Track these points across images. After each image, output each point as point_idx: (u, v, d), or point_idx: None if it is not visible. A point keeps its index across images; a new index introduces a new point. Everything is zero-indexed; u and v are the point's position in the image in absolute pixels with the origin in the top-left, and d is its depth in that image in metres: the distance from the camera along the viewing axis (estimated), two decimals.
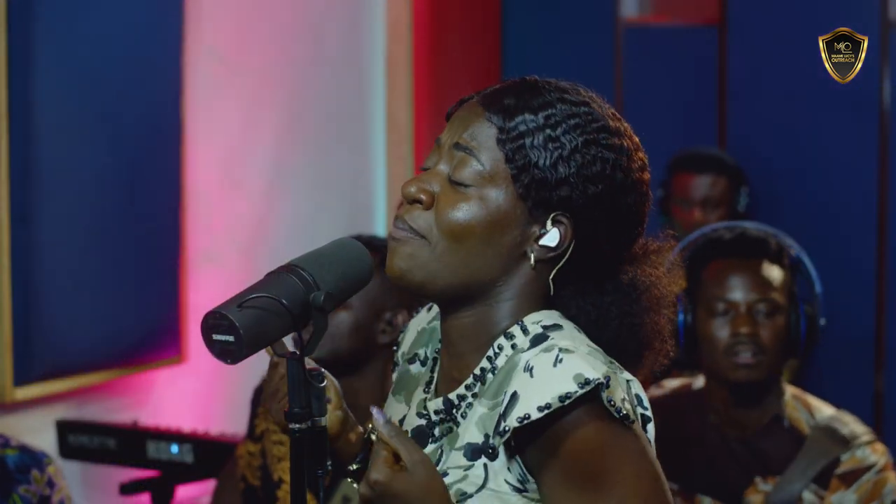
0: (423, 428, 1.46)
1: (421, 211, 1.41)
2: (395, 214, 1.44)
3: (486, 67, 4.51)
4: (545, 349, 1.36)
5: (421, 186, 1.41)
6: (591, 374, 1.31)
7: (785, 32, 4.01)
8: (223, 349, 1.28)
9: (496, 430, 1.35)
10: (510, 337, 1.41)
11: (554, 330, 1.40)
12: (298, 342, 1.33)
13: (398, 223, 1.42)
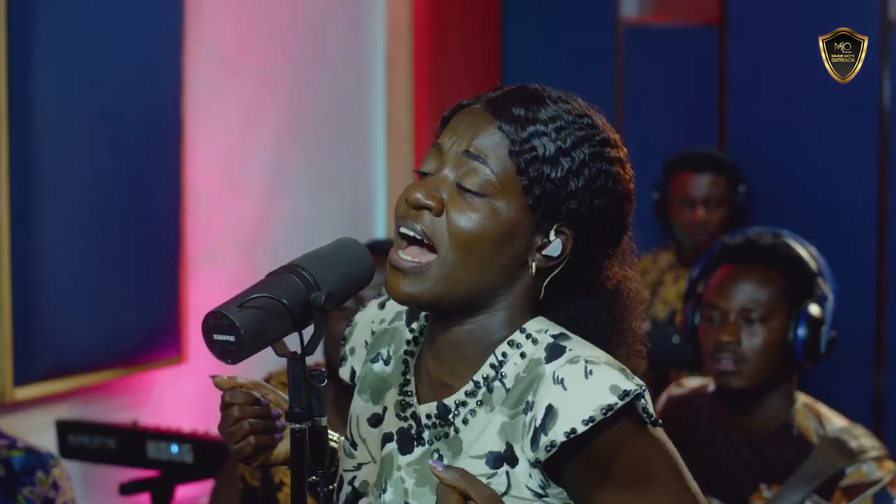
0: (406, 431, 1.46)
1: (431, 216, 1.40)
2: (398, 216, 1.42)
3: (486, 67, 4.51)
4: (570, 360, 1.37)
5: (428, 192, 1.39)
6: (626, 385, 1.34)
7: (785, 32, 4.01)
8: (224, 349, 1.28)
9: (534, 443, 1.35)
10: (515, 345, 1.42)
11: (563, 339, 1.41)
12: (299, 342, 1.33)
13: (409, 224, 1.40)
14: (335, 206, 4.01)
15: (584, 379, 1.35)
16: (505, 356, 1.42)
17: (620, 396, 1.33)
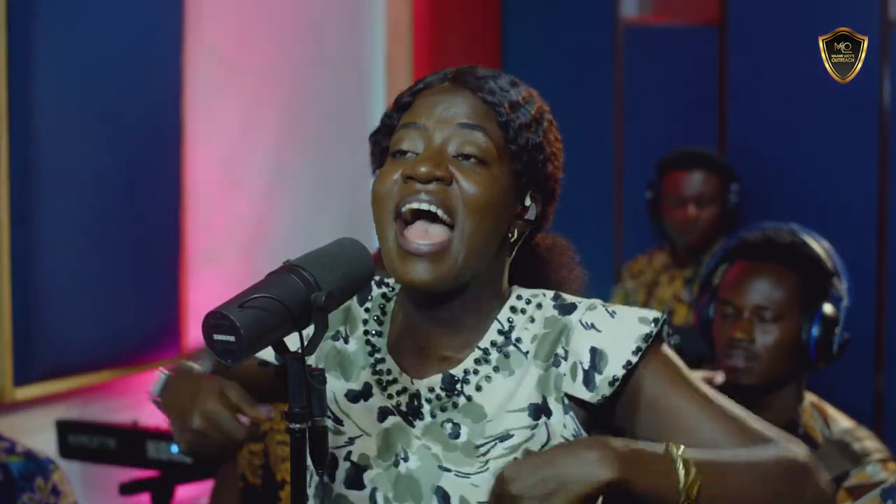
0: (398, 408, 1.48)
1: (442, 186, 1.42)
2: (399, 198, 1.43)
3: (486, 68, 4.50)
4: (588, 308, 1.46)
5: (436, 163, 1.42)
6: (650, 314, 1.44)
7: (785, 32, 4.01)
8: (224, 349, 1.28)
9: (588, 384, 1.41)
10: (518, 311, 1.48)
11: (557, 297, 1.49)
12: (299, 342, 1.33)
13: (422, 197, 1.41)
14: (335, 206, 4.01)
15: (611, 319, 1.44)
16: (511, 321, 1.47)
17: (652, 324, 1.43)
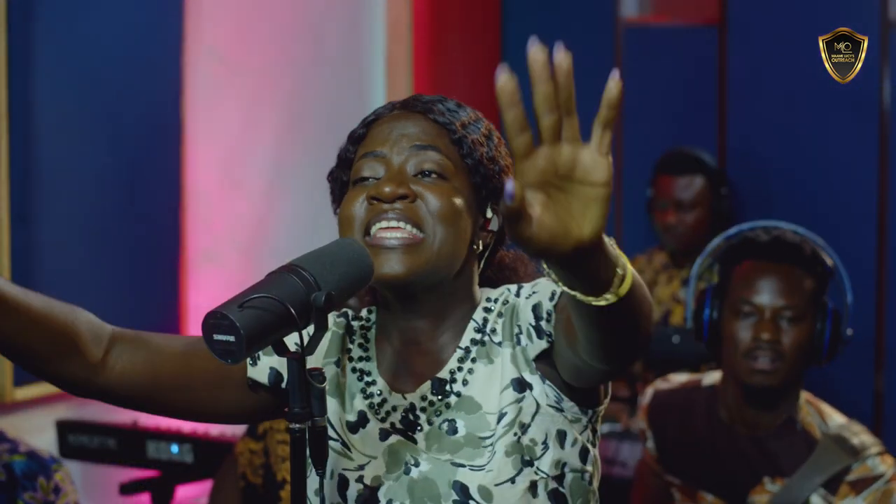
0: (400, 424, 1.51)
1: (406, 204, 1.48)
2: (368, 219, 1.49)
3: (486, 67, 4.50)
4: (532, 284, 1.53)
5: (398, 183, 1.49)
6: None
7: (785, 32, 4.01)
8: (224, 349, 1.28)
9: (539, 332, 1.46)
10: (488, 311, 1.55)
11: (517, 288, 1.55)
12: (299, 342, 1.33)
13: (391, 216, 1.47)
14: None
15: (545, 280, 1.49)
16: (486, 320, 1.54)
17: None
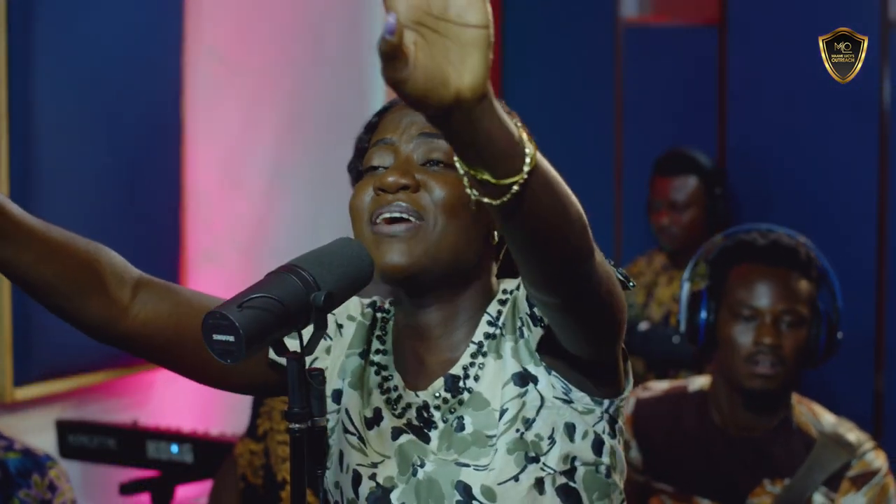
0: (414, 422, 1.50)
1: (409, 194, 1.45)
2: (373, 209, 1.46)
3: None
4: None
5: (402, 173, 1.46)
6: None
7: (785, 32, 4.01)
8: (223, 349, 1.28)
9: (535, 322, 1.43)
10: (503, 303, 1.52)
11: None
12: (299, 342, 1.33)
13: (393, 207, 1.45)
14: (335, 206, 4.01)
15: None
16: (500, 312, 1.51)
17: None
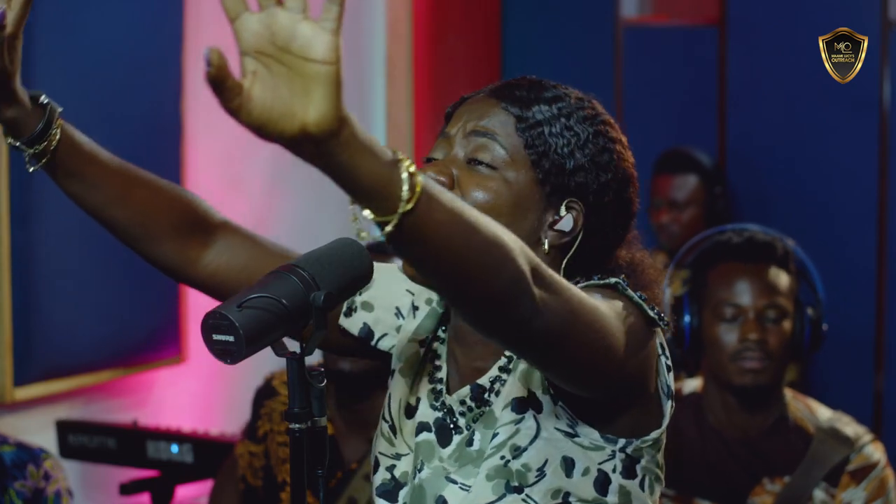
0: (442, 421, 1.48)
1: None
2: None
3: (486, 67, 4.51)
4: None
5: (440, 169, 1.43)
6: (611, 280, 1.40)
7: (785, 32, 4.01)
8: (223, 349, 1.28)
9: None
10: None
11: None
12: (299, 342, 1.33)
13: None
14: (335, 206, 4.01)
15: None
16: None
17: (599, 279, 1.41)
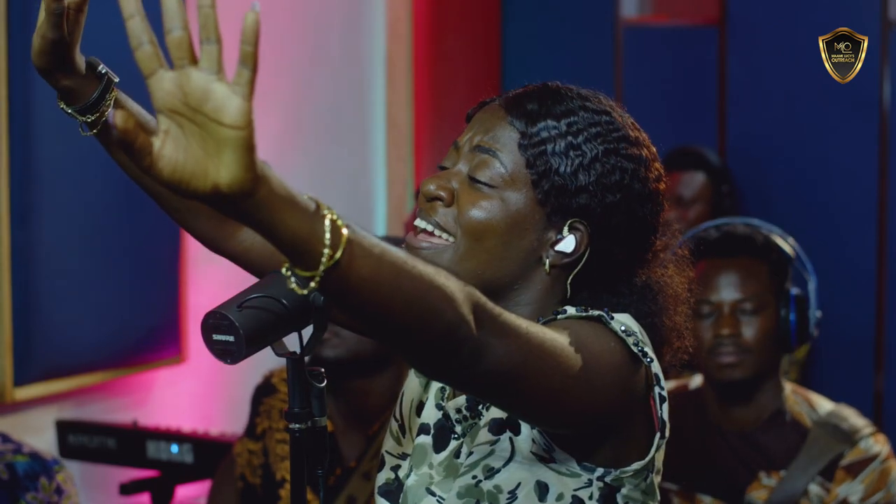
0: (443, 423, 1.47)
1: (443, 207, 1.42)
2: (416, 213, 1.45)
3: (486, 68, 4.51)
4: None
5: (440, 184, 1.42)
6: (592, 312, 1.35)
7: (785, 32, 4.02)
8: (223, 349, 1.28)
9: None
10: None
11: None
12: (299, 342, 1.33)
13: (422, 218, 1.42)
14: (335, 206, 3.98)
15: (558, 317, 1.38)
16: None
17: (580, 310, 1.36)
